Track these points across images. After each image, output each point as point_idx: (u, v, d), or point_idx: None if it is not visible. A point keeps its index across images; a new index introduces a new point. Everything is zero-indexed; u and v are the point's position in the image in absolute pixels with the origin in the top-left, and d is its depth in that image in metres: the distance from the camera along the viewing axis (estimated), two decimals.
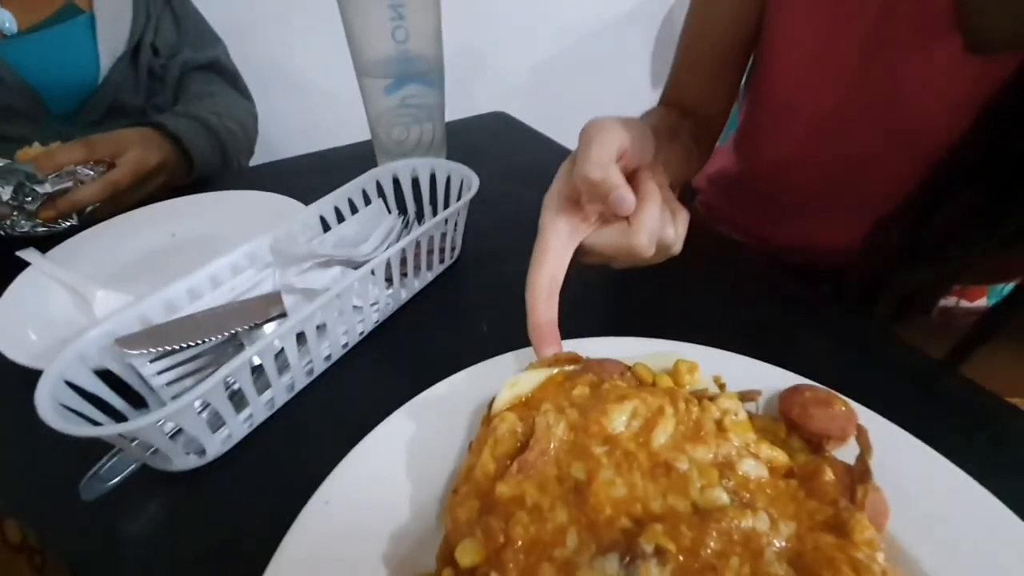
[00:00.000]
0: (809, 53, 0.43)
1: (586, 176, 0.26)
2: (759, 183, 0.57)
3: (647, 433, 0.22)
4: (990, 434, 0.29)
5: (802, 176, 0.51)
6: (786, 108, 0.49)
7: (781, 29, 0.45)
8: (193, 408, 0.25)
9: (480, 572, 0.20)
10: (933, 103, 0.37)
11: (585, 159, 0.26)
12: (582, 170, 0.26)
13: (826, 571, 0.18)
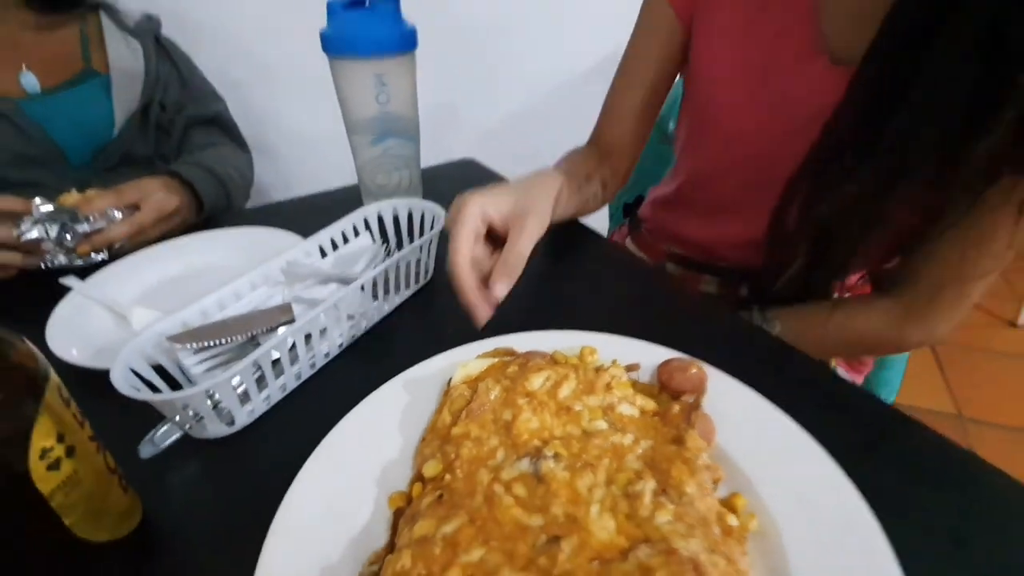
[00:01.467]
0: (722, 78, 0.56)
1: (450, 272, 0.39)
2: (690, 192, 0.68)
3: (555, 390, 0.32)
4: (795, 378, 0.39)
5: (723, 181, 0.62)
6: (708, 123, 0.60)
7: (701, 60, 0.57)
8: (230, 383, 0.34)
9: (439, 479, 0.29)
10: (815, 108, 0.47)
11: (452, 248, 0.39)
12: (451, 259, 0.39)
13: (666, 464, 0.28)
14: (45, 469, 0.23)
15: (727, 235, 0.64)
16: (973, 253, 0.47)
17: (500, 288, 0.38)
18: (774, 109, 0.52)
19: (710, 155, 0.63)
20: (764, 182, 0.52)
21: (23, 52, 0.78)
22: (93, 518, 0.26)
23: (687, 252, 0.71)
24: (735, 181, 0.60)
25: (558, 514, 0.25)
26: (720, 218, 0.64)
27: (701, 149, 0.64)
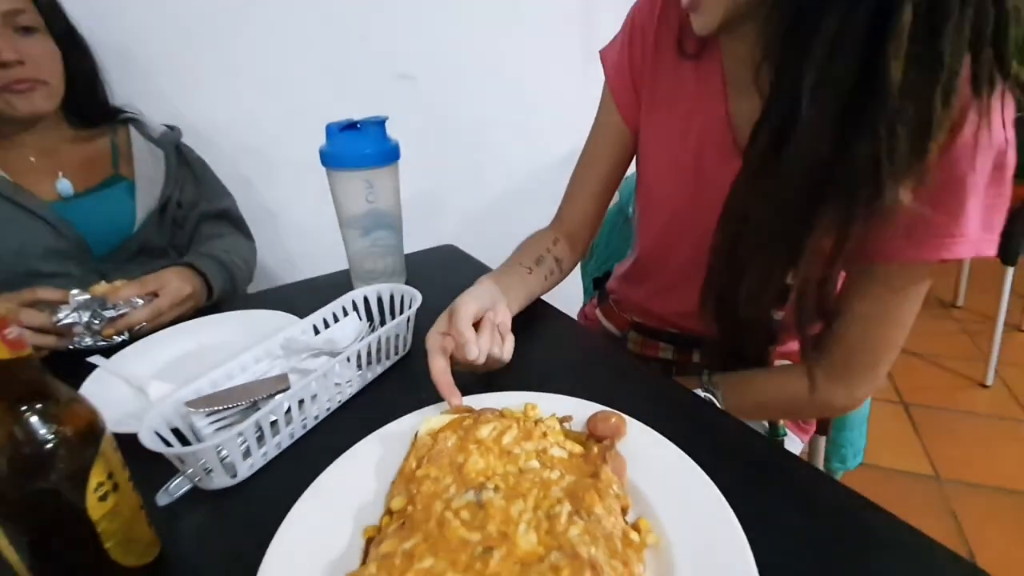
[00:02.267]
0: (661, 172, 0.67)
1: (459, 331, 0.49)
2: (645, 268, 0.78)
3: (500, 437, 0.40)
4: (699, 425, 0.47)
5: (670, 259, 0.72)
6: (653, 209, 0.72)
7: (645, 157, 0.70)
8: (236, 439, 0.41)
9: (403, 511, 0.36)
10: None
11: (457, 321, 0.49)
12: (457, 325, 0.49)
13: (582, 493, 0.35)
14: (97, 500, 0.30)
15: (678, 306, 0.74)
16: (879, 327, 0.56)
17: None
18: (703, 198, 0.63)
19: (657, 236, 0.73)
20: (703, 260, 0.61)
21: (60, 160, 0.90)
22: (126, 544, 0.33)
23: (646, 321, 0.80)
24: (680, 258, 0.70)
25: (493, 531, 0.32)
26: (671, 291, 0.74)
27: (650, 230, 0.75)
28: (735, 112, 0.61)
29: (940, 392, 1.84)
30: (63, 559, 0.31)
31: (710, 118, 0.62)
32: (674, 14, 0.63)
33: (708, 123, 0.62)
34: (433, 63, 1.40)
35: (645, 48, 0.65)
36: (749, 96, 0.58)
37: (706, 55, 0.62)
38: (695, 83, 0.63)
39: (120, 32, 1.02)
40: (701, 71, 0.62)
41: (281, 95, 1.24)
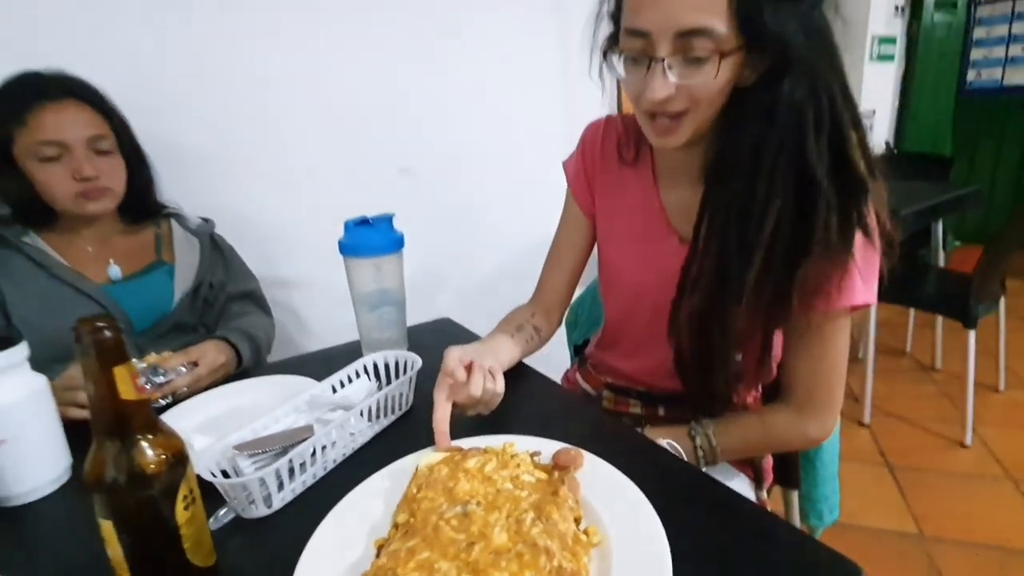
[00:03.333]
0: (615, 252, 0.82)
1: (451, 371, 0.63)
2: (613, 334, 0.90)
3: (483, 468, 0.51)
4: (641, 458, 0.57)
5: (632, 325, 0.84)
6: (613, 283, 0.86)
7: (602, 241, 0.85)
8: (272, 475, 0.52)
9: (406, 524, 0.46)
10: (675, 271, 0.71)
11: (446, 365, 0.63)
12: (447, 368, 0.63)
13: (545, 505, 0.46)
14: (182, 508, 0.41)
15: (642, 366, 0.86)
16: (824, 364, 0.69)
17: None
18: (650, 272, 0.78)
19: (619, 307, 0.87)
20: (659, 324, 0.73)
21: (112, 249, 1.05)
22: (197, 547, 0.43)
23: (617, 381, 0.91)
24: (639, 324, 0.83)
25: (475, 532, 0.43)
26: (636, 353, 0.86)
27: (613, 303, 0.88)
28: (667, 203, 0.77)
29: (923, 453, 1.90)
30: (153, 555, 0.41)
31: (649, 211, 0.78)
32: (612, 135, 0.82)
33: (648, 215, 0.79)
34: (432, 157, 1.61)
35: (594, 160, 0.83)
36: (676, 189, 0.75)
37: (639, 161, 0.80)
38: (634, 182, 0.80)
39: (169, 137, 1.20)
40: (637, 173, 0.80)
41: (300, 189, 1.43)
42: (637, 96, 0.63)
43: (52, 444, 0.61)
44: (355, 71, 1.47)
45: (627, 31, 0.60)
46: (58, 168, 0.93)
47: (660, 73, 0.58)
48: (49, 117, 0.92)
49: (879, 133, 3.29)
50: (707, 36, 0.56)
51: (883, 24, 3.05)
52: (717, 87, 0.59)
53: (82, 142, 0.94)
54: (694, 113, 0.61)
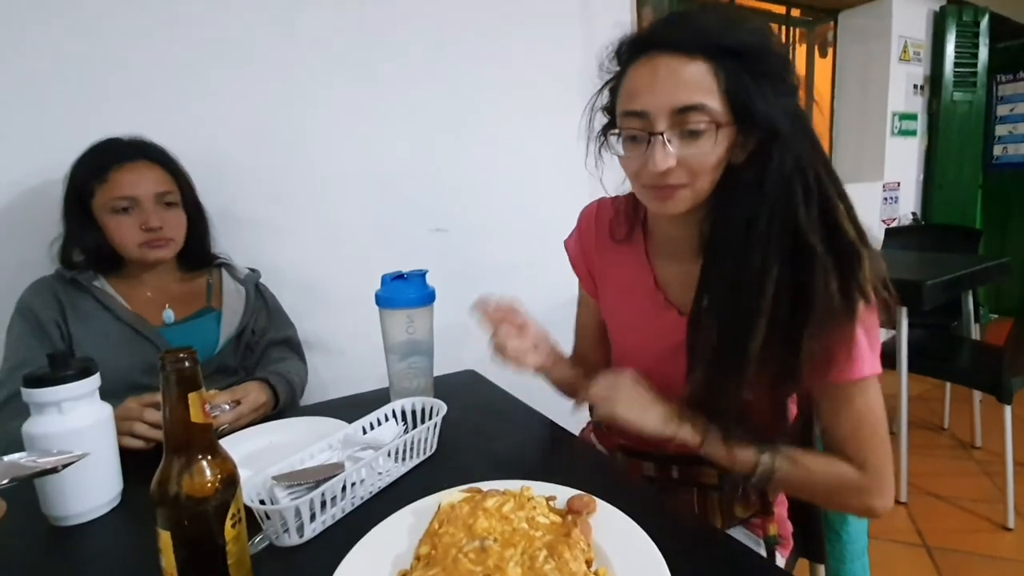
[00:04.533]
0: (619, 325, 0.87)
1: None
2: None
3: (501, 507, 0.54)
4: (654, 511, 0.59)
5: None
6: (619, 353, 0.90)
7: (606, 316, 0.89)
8: (307, 504, 0.57)
9: (428, 555, 0.50)
10: (675, 342, 0.74)
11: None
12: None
13: (558, 545, 0.49)
14: (230, 526, 0.46)
15: None
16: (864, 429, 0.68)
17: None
18: (651, 347, 0.82)
19: (623, 367, 0.90)
20: (666, 393, 0.76)
21: (168, 294, 1.14)
22: (238, 566, 0.47)
23: (630, 444, 0.93)
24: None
25: (490, 565, 0.46)
26: None
27: (621, 367, 0.92)
28: (661, 276, 0.82)
29: (963, 535, 1.80)
30: (201, 568, 0.45)
31: (644, 284, 0.83)
32: (605, 216, 0.89)
33: (643, 289, 0.83)
34: (463, 219, 1.71)
35: (590, 239, 0.90)
36: (671, 263, 0.81)
37: (632, 240, 0.86)
38: (628, 260, 0.85)
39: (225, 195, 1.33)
40: (631, 251, 0.86)
41: (339, 245, 1.54)
42: (637, 172, 0.69)
43: (111, 469, 0.67)
44: (397, 141, 1.61)
45: (625, 114, 0.67)
46: (128, 219, 1.05)
47: (661, 146, 0.63)
48: (124, 176, 1.05)
49: (904, 205, 3.32)
50: (701, 111, 0.62)
51: (903, 102, 3.14)
52: (713, 159, 0.65)
53: (151, 197, 1.06)
54: (691, 186, 0.67)
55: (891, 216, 3.23)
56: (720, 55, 0.62)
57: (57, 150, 1.08)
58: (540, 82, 1.80)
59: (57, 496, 0.63)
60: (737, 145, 0.66)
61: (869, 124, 3.17)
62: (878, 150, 3.14)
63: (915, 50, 3.12)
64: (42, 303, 1.03)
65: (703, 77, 0.62)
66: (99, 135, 1.09)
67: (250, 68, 1.39)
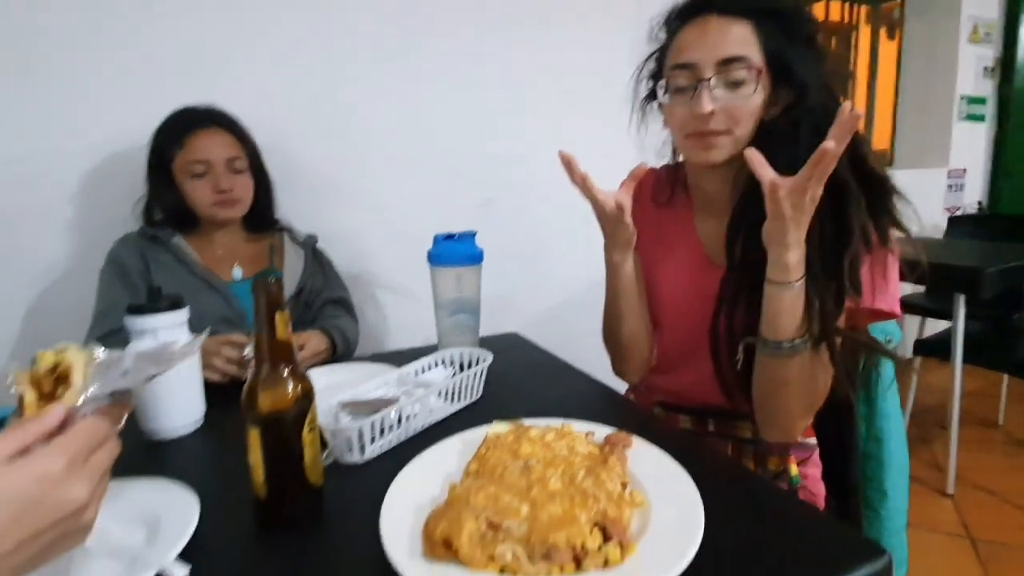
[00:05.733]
0: (660, 283, 0.90)
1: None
2: (662, 359, 0.95)
3: (543, 437, 0.59)
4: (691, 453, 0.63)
5: (679, 347, 0.90)
6: (658, 309, 0.92)
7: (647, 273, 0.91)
8: (368, 426, 0.63)
9: (476, 472, 0.55)
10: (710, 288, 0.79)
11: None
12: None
13: (596, 468, 0.53)
14: (307, 431, 0.52)
15: (692, 384, 0.91)
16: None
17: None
18: (691, 299, 0.85)
19: (665, 331, 0.93)
20: (698, 344, 0.81)
21: (237, 254, 1.24)
22: (313, 466, 0.54)
23: (667, 399, 0.96)
24: (685, 346, 0.88)
25: (534, 479, 0.51)
26: (684, 373, 0.91)
27: (659, 327, 0.95)
28: (702, 235, 0.86)
29: (1011, 530, 1.75)
30: (281, 464, 0.52)
31: (686, 243, 0.87)
32: (648, 183, 0.93)
33: (685, 247, 0.87)
34: (510, 192, 1.75)
35: (634, 203, 0.92)
36: (711, 221, 0.85)
37: (674, 202, 0.90)
38: (670, 220, 0.90)
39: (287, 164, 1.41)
40: (673, 212, 0.90)
41: (389, 215, 1.61)
42: (683, 120, 0.76)
43: (195, 393, 0.76)
44: (450, 115, 1.67)
45: (675, 67, 0.75)
46: (203, 182, 1.14)
47: (706, 91, 0.72)
48: (199, 141, 1.15)
49: (970, 193, 3.16)
50: (744, 62, 0.71)
51: (971, 84, 2.98)
52: (752, 107, 0.72)
53: (221, 162, 1.15)
54: (731, 133, 0.74)
55: (955, 205, 3.08)
56: (761, 17, 0.72)
57: (140, 116, 1.18)
58: (587, 58, 1.82)
59: (152, 412, 0.71)
60: (772, 100, 0.73)
61: (935, 108, 3.01)
62: (943, 135, 3.00)
63: (986, 31, 2.94)
64: (128, 255, 1.14)
65: (746, 35, 0.71)
66: (175, 103, 1.19)
67: (308, 42, 1.47)
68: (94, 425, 0.40)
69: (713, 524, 0.47)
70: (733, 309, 0.77)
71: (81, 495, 0.36)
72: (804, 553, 0.49)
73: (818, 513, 0.53)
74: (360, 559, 0.48)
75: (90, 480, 0.37)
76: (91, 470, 0.37)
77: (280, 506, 0.53)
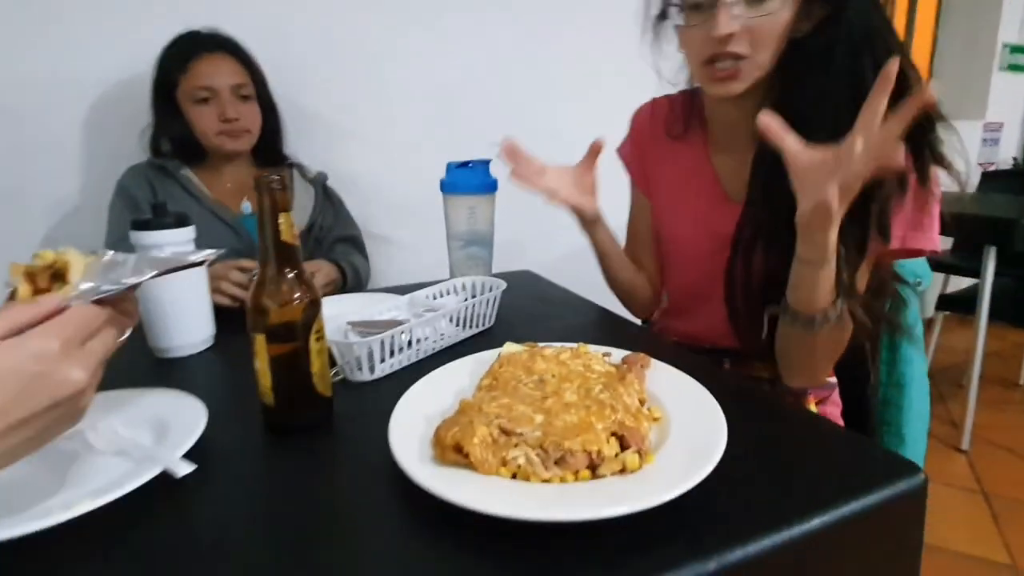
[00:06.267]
0: (671, 221, 0.86)
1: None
2: (675, 300, 0.94)
3: (559, 355, 0.57)
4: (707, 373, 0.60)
5: (692, 288, 0.87)
6: (671, 248, 0.89)
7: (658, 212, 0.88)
8: (379, 343, 0.61)
9: (490, 386, 0.53)
10: (727, 232, 0.74)
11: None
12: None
13: (613, 383, 0.51)
14: (315, 339, 0.51)
15: (706, 326, 0.88)
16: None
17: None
18: (705, 237, 0.81)
19: (678, 272, 0.90)
20: (718, 286, 0.77)
21: (245, 188, 1.21)
22: (320, 376, 0.52)
23: (683, 341, 0.94)
24: (699, 287, 0.85)
25: (548, 391, 0.49)
26: (698, 315, 0.89)
27: (672, 268, 0.92)
28: (719, 168, 0.80)
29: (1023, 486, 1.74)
30: (288, 372, 0.51)
31: (702, 177, 0.82)
32: (660, 114, 0.87)
33: (701, 182, 0.82)
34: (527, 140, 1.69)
35: (644, 139, 0.89)
36: (729, 154, 0.78)
37: (689, 134, 0.83)
38: (685, 153, 0.84)
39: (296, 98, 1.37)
40: (688, 144, 0.84)
41: (402, 157, 1.57)
42: (699, 45, 0.67)
43: (204, 312, 0.74)
44: (462, 59, 1.60)
45: None
46: (207, 109, 1.11)
47: (725, 8, 0.63)
48: (204, 66, 1.11)
49: (1006, 148, 3.02)
50: None
51: (1016, 32, 2.80)
52: (779, 25, 0.63)
53: (228, 88, 1.11)
54: (753, 58, 0.65)
55: (989, 160, 2.95)
56: None
57: (142, 44, 1.14)
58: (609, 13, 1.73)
59: (162, 330, 0.70)
60: (801, 16, 0.63)
61: (975, 56, 2.85)
62: (982, 85, 2.84)
63: None
64: (137, 186, 1.12)
65: None
66: (180, 28, 1.14)
67: None
68: (90, 311, 0.38)
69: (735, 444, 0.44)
70: (751, 252, 0.71)
71: (80, 377, 0.35)
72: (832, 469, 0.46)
73: (845, 431, 0.50)
74: (369, 465, 0.47)
75: (86, 364, 0.36)
76: (87, 354, 0.36)
77: (288, 413, 0.52)
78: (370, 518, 0.42)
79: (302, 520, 0.42)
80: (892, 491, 0.41)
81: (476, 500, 0.38)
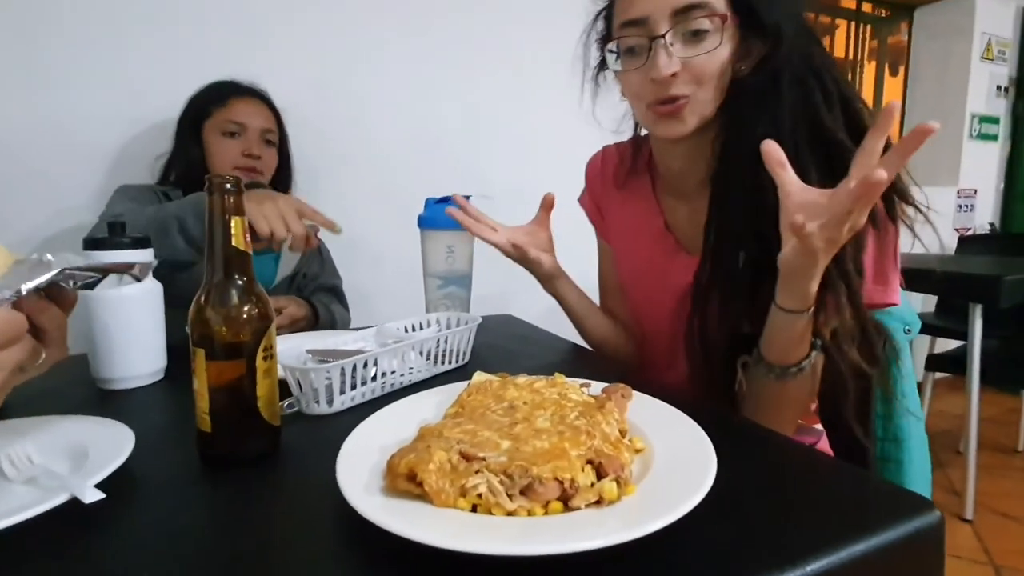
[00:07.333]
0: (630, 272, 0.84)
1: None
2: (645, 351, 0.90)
3: (532, 384, 0.52)
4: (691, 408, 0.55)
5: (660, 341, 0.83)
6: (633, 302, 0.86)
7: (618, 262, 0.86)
8: (338, 371, 0.56)
9: (456, 415, 0.48)
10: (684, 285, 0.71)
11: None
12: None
13: (593, 412, 0.46)
14: (262, 358, 0.46)
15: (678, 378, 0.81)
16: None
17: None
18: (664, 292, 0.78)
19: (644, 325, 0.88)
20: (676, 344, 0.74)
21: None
22: (268, 404, 0.47)
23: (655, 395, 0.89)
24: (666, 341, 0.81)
25: (519, 418, 0.44)
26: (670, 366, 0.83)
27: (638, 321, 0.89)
28: (670, 217, 0.79)
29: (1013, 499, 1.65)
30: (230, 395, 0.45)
31: (653, 228, 0.80)
32: (609, 163, 0.88)
33: (652, 232, 0.80)
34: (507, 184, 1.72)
35: (597, 190, 0.89)
36: (680, 201, 0.77)
37: (636, 183, 0.83)
38: (637, 205, 0.83)
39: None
40: (638, 195, 0.83)
41: (388, 206, 1.57)
42: (639, 89, 0.66)
43: (155, 342, 0.69)
44: (445, 105, 1.66)
45: (623, 25, 0.64)
46: (233, 143, 1.14)
47: (663, 49, 0.61)
48: (241, 105, 1.16)
49: (981, 214, 3.10)
50: (703, 8, 0.60)
51: (983, 103, 2.95)
52: (719, 61, 0.62)
53: (257, 130, 1.16)
54: (696, 96, 0.63)
55: (966, 225, 3.02)
56: None
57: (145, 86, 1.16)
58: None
59: (107, 358, 0.65)
60: (742, 53, 0.63)
61: (945, 126, 2.98)
62: (954, 153, 2.96)
63: (1000, 48, 2.93)
64: (140, 190, 1.11)
65: None
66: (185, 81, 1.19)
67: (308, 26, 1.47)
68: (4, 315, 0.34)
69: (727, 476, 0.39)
70: (708, 307, 0.68)
71: None
72: (838, 506, 0.41)
73: (850, 467, 0.45)
74: (317, 501, 0.41)
75: None
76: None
77: (227, 440, 0.46)
78: (309, 556, 0.36)
79: (228, 559, 0.36)
80: (907, 528, 0.36)
81: (424, 533, 0.32)
